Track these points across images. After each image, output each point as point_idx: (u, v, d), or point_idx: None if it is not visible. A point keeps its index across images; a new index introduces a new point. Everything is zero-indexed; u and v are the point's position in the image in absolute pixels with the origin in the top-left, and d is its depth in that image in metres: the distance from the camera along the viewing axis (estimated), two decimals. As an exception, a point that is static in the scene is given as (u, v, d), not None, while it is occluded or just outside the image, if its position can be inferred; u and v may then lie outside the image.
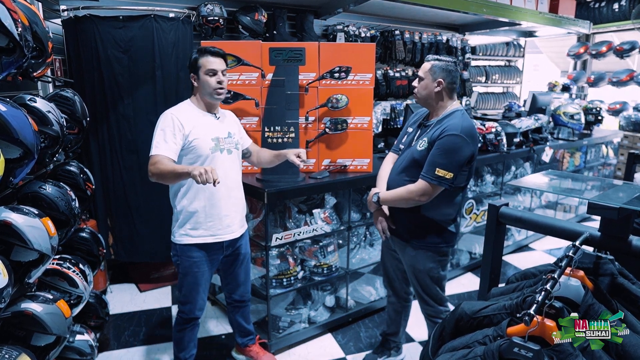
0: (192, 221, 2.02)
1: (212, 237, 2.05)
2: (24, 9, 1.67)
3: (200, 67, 1.96)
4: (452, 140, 1.83)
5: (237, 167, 2.15)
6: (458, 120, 1.89)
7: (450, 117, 1.93)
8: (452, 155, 1.84)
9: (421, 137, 1.98)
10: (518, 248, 4.22)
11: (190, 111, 2.01)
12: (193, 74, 1.99)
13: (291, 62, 2.49)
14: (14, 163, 1.55)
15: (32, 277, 1.64)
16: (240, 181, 2.18)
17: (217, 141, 2.02)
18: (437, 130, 1.91)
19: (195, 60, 1.97)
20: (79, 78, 3.01)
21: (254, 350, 2.46)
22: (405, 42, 4.78)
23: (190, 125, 1.95)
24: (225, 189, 2.05)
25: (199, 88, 2.00)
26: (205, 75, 1.96)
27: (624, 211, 1.04)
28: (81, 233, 2.32)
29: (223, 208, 2.05)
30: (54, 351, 1.74)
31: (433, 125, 1.97)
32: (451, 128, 1.86)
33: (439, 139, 1.87)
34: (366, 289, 3.05)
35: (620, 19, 6.13)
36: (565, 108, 4.43)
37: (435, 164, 1.85)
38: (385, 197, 2.02)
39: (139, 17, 2.98)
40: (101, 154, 3.13)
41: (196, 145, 1.96)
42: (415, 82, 2.01)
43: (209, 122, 2.03)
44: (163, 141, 1.90)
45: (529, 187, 4.00)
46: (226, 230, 2.08)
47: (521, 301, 1.02)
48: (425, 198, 1.90)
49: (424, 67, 1.97)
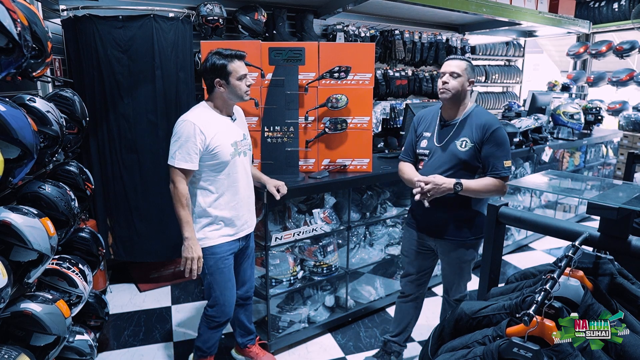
0: (214, 224, 2.04)
1: (231, 237, 2.09)
2: (23, 9, 1.67)
3: (231, 73, 1.94)
4: (502, 133, 1.98)
5: (250, 168, 2.20)
6: (489, 115, 2.04)
7: (477, 113, 2.04)
8: (506, 145, 1.99)
9: (458, 137, 2.01)
10: (518, 247, 4.22)
11: (210, 117, 1.99)
12: (220, 79, 1.95)
13: (291, 61, 2.49)
14: (13, 163, 1.55)
15: (32, 277, 1.64)
16: (252, 181, 2.22)
17: (236, 145, 2.04)
18: (475, 129, 1.98)
19: (223, 66, 1.94)
20: (79, 78, 3.01)
21: (254, 351, 2.46)
22: (405, 41, 4.79)
23: (212, 132, 1.94)
24: (244, 190, 2.11)
25: (225, 92, 1.98)
26: (238, 80, 1.96)
27: (623, 211, 1.04)
28: (81, 233, 2.32)
29: (242, 209, 2.11)
30: (53, 351, 1.74)
31: (459, 123, 2.03)
32: (492, 121, 1.99)
33: (489, 135, 1.95)
34: (366, 289, 3.05)
35: (620, 18, 6.13)
36: (565, 108, 4.43)
37: (502, 157, 1.97)
38: (469, 186, 1.94)
39: (138, 17, 2.98)
40: (101, 153, 3.13)
41: (218, 152, 1.96)
42: (448, 78, 1.99)
43: (227, 126, 2.03)
44: (186, 154, 1.90)
45: (529, 187, 4.00)
46: (242, 227, 2.13)
47: (521, 301, 1.02)
48: (506, 190, 2.00)
49: (460, 65, 1.99)
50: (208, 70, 1.97)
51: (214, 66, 1.95)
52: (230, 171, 2.03)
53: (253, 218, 2.23)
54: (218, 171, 2.00)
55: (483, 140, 1.97)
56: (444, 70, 2.02)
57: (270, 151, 2.57)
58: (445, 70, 2.01)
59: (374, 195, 2.99)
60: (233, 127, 2.06)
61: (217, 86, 1.97)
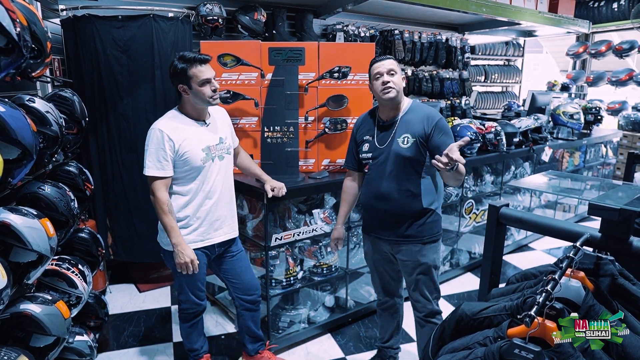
0: (183, 228, 2.00)
1: (201, 242, 2.06)
2: (22, 9, 1.67)
3: (191, 78, 1.88)
4: (444, 123, 1.94)
5: (229, 172, 2.15)
6: (428, 107, 2.02)
7: (415, 107, 2.00)
8: (450, 135, 1.95)
9: (398, 136, 1.95)
10: (518, 247, 4.22)
11: (180, 122, 1.96)
12: (182, 84, 1.90)
13: (290, 61, 2.49)
14: (13, 164, 1.55)
15: (31, 278, 1.64)
16: (232, 185, 2.18)
17: (208, 150, 2.00)
18: (416, 123, 1.93)
19: (183, 71, 1.87)
20: (78, 78, 3.01)
21: (266, 356, 2.41)
22: (404, 41, 4.79)
23: (180, 138, 1.91)
24: (221, 195, 2.08)
25: (190, 97, 1.93)
26: (200, 86, 1.89)
27: (624, 212, 1.04)
28: (80, 233, 2.32)
29: (218, 213, 2.08)
30: (53, 352, 1.74)
31: (399, 122, 1.97)
32: (433, 113, 1.96)
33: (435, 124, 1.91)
34: (366, 289, 3.05)
35: (620, 18, 6.14)
36: (565, 107, 4.43)
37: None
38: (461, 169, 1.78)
39: (138, 17, 2.98)
40: (100, 153, 3.12)
41: (187, 157, 1.94)
42: (388, 77, 1.91)
43: (198, 131, 1.99)
44: (157, 161, 1.90)
45: (529, 188, 4.00)
46: (217, 234, 2.10)
47: (522, 302, 1.01)
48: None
49: (393, 63, 1.94)
50: (171, 75, 1.93)
51: (175, 71, 1.89)
52: (205, 177, 2.01)
53: (233, 224, 2.18)
54: (190, 177, 1.98)
55: (428, 132, 1.90)
56: (379, 70, 1.93)
57: (270, 151, 2.56)
58: (381, 71, 1.92)
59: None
60: (205, 132, 2.01)
61: (181, 91, 1.93)
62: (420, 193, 1.97)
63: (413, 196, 1.96)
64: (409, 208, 1.98)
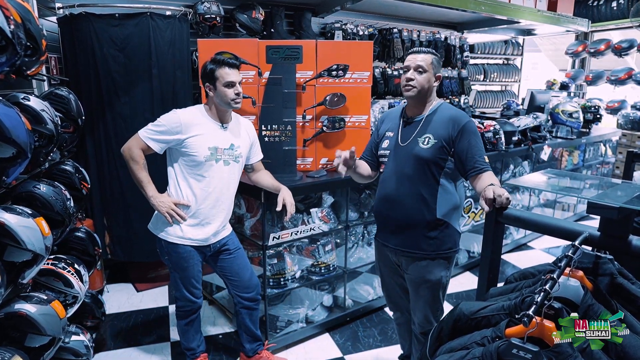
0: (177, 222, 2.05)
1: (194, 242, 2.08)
2: (16, 6, 1.65)
3: (217, 79, 1.96)
4: (473, 127, 1.80)
5: (233, 180, 2.14)
6: (456, 110, 1.86)
7: (443, 108, 1.86)
8: (480, 139, 1.81)
9: (419, 135, 1.82)
10: (516, 247, 4.21)
11: (199, 118, 2.02)
12: (209, 84, 1.99)
13: (288, 60, 2.48)
14: (7, 162, 1.54)
15: (26, 278, 1.63)
16: (233, 193, 2.17)
17: (215, 151, 2.01)
18: (442, 124, 1.80)
19: (211, 71, 1.96)
20: (75, 76, 2.99)
21: (264, 357, 2.40)
22: (403, 40, 4.77)
23: (193, 132, 1.97)
24: (219, 199, 2.08)
25: (214, 98, 2.00)
26: (224, 87, 1.96)
27: (624, 211, 1.03)
28: (77, 232, 2.31)
29: (211, 217, 2.09)
30: (48, 352, 1.73)
31: (424, 120, 1.84)
32: (461, 116, 1.81)
33: (461, 128, 1.77)
34: (364, 288, 3.04)
35: (619, 17, 6.13)
36: (564, 106, 4.42)
37: (482, 152, 1.78)
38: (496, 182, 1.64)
39: (135, 15, 2.96)
40: (97, 152, 3.11)
41: (190, 147, 1.97)
42: (412, 74, 1.80)
43: (213, 130, 2.03)
44: (155, 133, 1.98)
45: (528, 187, 3.99)
46: (207, 236, 2.10)
47: (520, 302, 1.01)
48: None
49: (426, 60, 1.79)
50: (201, 75, 2.03)
51: (205, 71, 2.00)
52: (206, 177, 2.02)
53: (222, 227, 2.16)
54: (191, 171, 2.02)
55: (454, 135, 1.77)
56: (409, 64, 1.80)
57: (267, 150, 2.54)
58: (410, 65, 1.80)
59: (372, 194, 2.98)
60: (219, 133, 2.04)
61: (207, 90, 2.02)
62: (435, 201, 1.81)
63: (426, 203, 1.81)
64: (420, 216, 1.82)
